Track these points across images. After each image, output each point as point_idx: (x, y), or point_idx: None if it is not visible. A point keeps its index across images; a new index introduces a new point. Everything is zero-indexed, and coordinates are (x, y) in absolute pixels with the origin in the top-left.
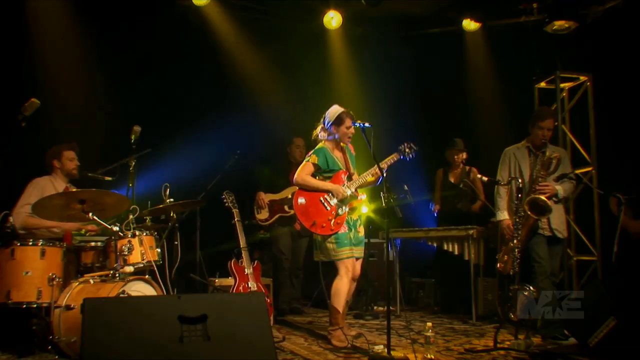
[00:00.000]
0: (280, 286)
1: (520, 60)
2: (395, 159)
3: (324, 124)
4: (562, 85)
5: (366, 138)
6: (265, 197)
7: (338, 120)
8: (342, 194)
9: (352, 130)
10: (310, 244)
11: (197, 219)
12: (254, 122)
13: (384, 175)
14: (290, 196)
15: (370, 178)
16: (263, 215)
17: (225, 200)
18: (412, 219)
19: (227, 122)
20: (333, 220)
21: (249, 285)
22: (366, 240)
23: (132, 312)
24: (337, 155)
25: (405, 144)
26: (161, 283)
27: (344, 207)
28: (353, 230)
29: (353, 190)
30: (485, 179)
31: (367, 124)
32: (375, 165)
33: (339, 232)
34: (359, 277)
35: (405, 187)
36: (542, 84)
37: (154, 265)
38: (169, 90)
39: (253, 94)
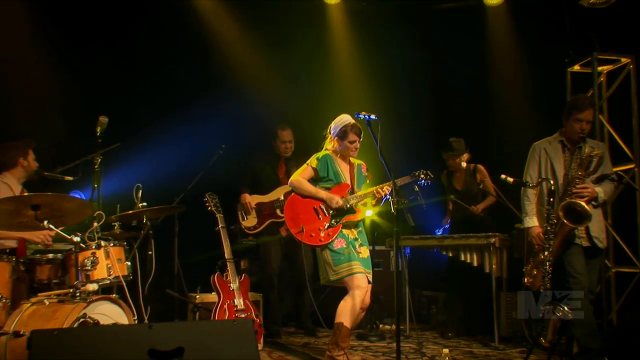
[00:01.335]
0: (270, 306)
1: (551, 40)
2: (406, 181)
3: (330, 132)
4: (599, 68)
5: (372, 132)
6: (251, 200)
7: (342, 134)
8: (337, 203)
9: (356, 145)
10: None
11: (175, 225)
12: (242, 112)
13: (391, 194)
14: (282, 197)
15: (369, 200)
16: (250, 221)
17: (207, 204)
18: (424, 224)
19: (211, 112)
20: (324, 231)
21: (235, 303)
22: (370, 249)
23: (92, 347)
24: (342, 168)
25: (421, 171)
26: (131, 303)
27: (338, 219)
28: (351, 247)
29: (353, 203)
30: (510, 180)
31: (373, 116)
32: (381, 185)
33: (336, 248)
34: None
35: (416, 188)
36: (576, 68)
37: (123, 282)
38: (141, 74)
39: (241, 79)
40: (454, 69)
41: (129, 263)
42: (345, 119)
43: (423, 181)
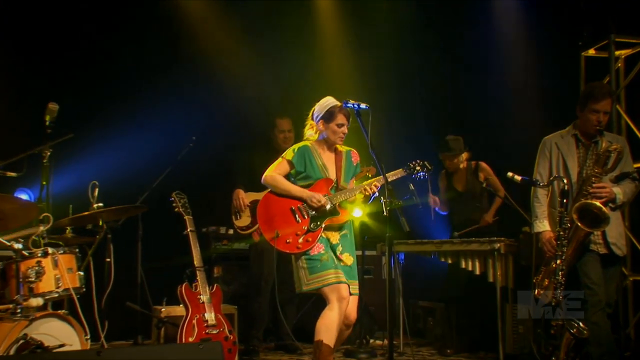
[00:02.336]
0: (255, 318)
1: (563, 21)
2: (400, 175)
3: (312, 117)
4: (617, 52)
5: (362, 123)
6: (245, 197)
7: (328, 115)
8: (317, 203)
9: (344, 130)
10: None
11: (138, 228)
12: (216, 101)
13: (379, 189)
14: None
15: (358, 195)
16: (244, 220)
17: (174, 204)
18: (419, 227)
19: (180, 98)
20: (302, 237)
21: (206, 317)
22: (359, 253)
23: None
24: (326, 159)
25: (417, 162)
26: (83, 320)
27: (318, 222)
28: (332, 253)
29: (335, 203)
30: (517, 178)
31: (363, 105)
32: (370, 180)
33: (312, 254)
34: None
35: (411, 187)
36: (591, 52)
37: (74, 295)
38: (98, 54)
39: (215, 64)
40: (454, 54)
41: (81, 273)
42: (331, 100)
43: (421, 174)
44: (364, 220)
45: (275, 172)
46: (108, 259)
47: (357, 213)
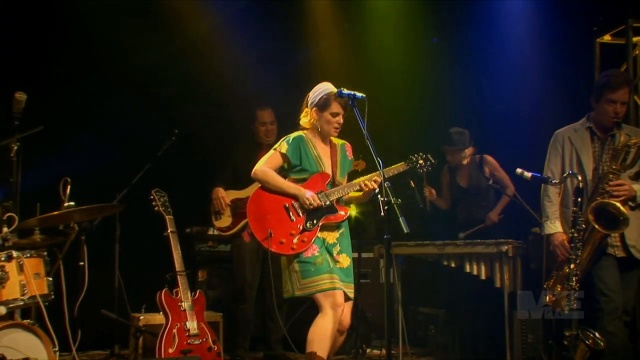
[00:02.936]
0: (240, 327)
1: (577, 5)
2: (401, 170)
3: (307, 105)
4: (635, 39)
5: (358, 113)
6: (226, 196)
7: (321, 103)
8: (311, 202)
9: (338, 120)
10: None
11: (116, 229)
12: (202, 90)
13: (380, 186)
14: None
15: (355, 193)
16: (224, 221)
17: (153, 202)
18: (420, 228)
19: (162, 87)
20: (297, 237)
21: (187, 326)
22: (355, 255)
23: None
24: (321, 151)
25: (420, 155)
26: (51, 330)
27: (315, 221)
28: (328, 255)
29: (332, 200)
30: (527, 175)
31: (359, 94)
32: (370, 175)
33: (305, 256)
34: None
35: (412, 184)
36: (607, 38)
37: (41, 303)
38: (71, 40)
39: (201, 46)
40: (458, 37)
41: (50, 279)
42: (326, 86)
43: (425, 167)
44: (360, 220)
45: (266, 166)
46: (82, 263)
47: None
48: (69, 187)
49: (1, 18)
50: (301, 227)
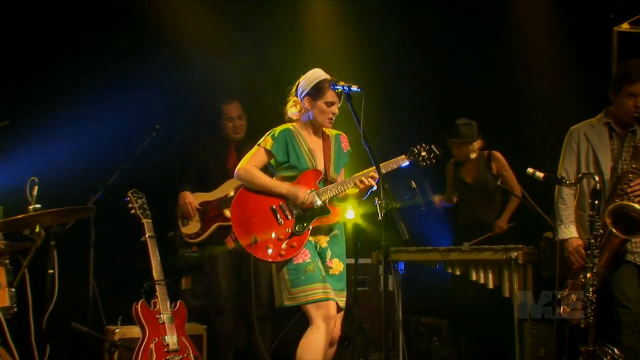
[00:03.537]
0: (220, 341)
1: None
2: (401, 163)
3: (296, 93)
4: None
5: (352, 108)
6: (193, 200)
7: (315, 91)
8: (304, 200)
9: (333, 110)
10: None
11: (90, 233)
12: (185, 82)
13: (377, 183)
14: (232, 193)
15: (350, 190)
16: (192, 227)
17: (130, 204)
18: (422, 232)
19: (143, 80)
20: (286, 242)
21: (166, 340)
22: (351, 261)
23: None
24: (312, 144)
25: (423, 146)
26: (12, 346)
27: (305, 224)
28: (320, 262)
29: (325, 200)
30: (540, 175)
31: (355, 87)
32: (366, 170)
33: (295, 262)
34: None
35: (413, 184)
36: (625, 26)
37: (1, 316)
38: (40, 25)
39: (185, 39)
40: (463, 26)
41: (12, 290)
42: (319, 72)
43: (429, 160)
44: (358, 223)
45: (250, 165)
46: (51, 271)
47: (350, 214)
48: (36, 187)
49: None
50: (290, 231)
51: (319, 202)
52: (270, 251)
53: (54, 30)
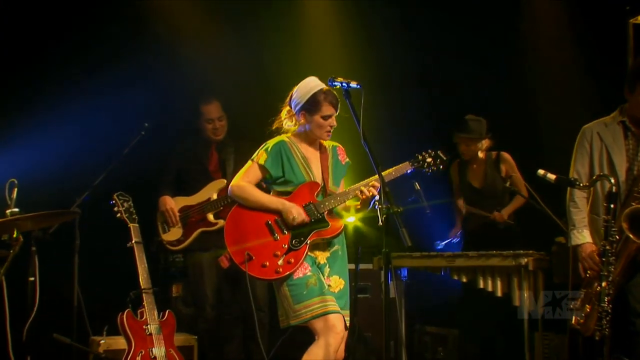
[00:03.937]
0: (206, 353)
1: None
2: (405, 170)
3: (290, 104)
4: None
5: (351, 107)
6: (174, 205)
7: (311, 106)
8: (297, 218)
9: (331, 122)
10: None
11: (75, 238)
12: (175, 79)
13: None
14: (215, 196)
15: (351, 202)
16: (174, 233)
17: (116, 208)
18: (426, 237)
19: (132, 78)
20: (282, 258)
21: (153, 352)
22: (352, 267)
23: None
24: (309, 156)
25: (428, 152)
26: None
27: (302, 239)
28: (320, 274)
29: (323, 212)
30: (551, 177)
31: (354, 84)
32: (368, 180)
33: (296, 277)
34: None
35: (417, 186)
36: None
37: None
38: (23, 26)
39: (176, 35)
40: (470, 24)
41: None
42: (313, 83)
43: (434, 167)
44: (358, 226)
45: (243, 181)
46: (32, 278)
47: (350, 217)
48: (15, 189)
49: None
50: (286, 247)
51: (317, 215)
52: (266, 268)
53: (37, 30)
